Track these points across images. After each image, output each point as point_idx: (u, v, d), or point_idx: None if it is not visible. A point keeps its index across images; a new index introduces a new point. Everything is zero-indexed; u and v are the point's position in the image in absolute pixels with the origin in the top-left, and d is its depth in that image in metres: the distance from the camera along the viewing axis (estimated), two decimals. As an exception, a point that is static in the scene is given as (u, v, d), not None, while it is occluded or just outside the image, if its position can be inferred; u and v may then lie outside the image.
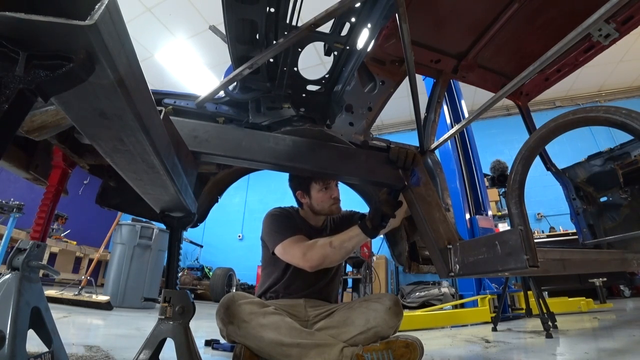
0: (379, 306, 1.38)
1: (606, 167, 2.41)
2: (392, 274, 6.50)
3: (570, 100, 7.30)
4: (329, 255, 1.36)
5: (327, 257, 1.37)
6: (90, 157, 1.29)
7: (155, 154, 0.69)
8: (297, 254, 1.41)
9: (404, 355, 1.28)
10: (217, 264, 7.15)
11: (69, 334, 1.99)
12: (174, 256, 1.26)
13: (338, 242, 1.37)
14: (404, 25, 1.07)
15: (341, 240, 1.37)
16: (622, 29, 1.61)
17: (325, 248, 1.37)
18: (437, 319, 3.24)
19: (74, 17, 0.38)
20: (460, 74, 1.95)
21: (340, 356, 1.28)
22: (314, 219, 1.69)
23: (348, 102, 1.59)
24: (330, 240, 1.39)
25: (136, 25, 5.47)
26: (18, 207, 3.79)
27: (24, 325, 0.93)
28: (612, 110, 1.00)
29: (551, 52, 0.97)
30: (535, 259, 0.96)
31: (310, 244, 1.41)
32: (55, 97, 0.48)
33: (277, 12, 0.99)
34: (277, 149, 1.22)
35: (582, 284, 4.36)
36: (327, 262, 1.38)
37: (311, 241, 1.43)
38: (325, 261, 1.38)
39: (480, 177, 4.27)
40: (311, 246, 1.40)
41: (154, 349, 1.10)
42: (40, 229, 1.17)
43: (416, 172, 1.34)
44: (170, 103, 1.37)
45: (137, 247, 4.07)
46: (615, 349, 1.80)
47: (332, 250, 1.36)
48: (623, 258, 1.88)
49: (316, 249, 1.38)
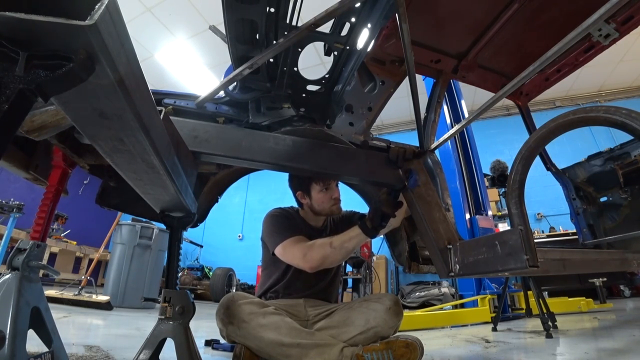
0: (379, 306, 1.38)
1: (606, 167, 2.41)
2: (392, 274, 6.50)
3: (570, 100, 7.30)
4: (329, 255, 1.36)
5: (327, 258, 1.36)
6: (90, 157, 1.29)
7: (155, 154, 0.69)
8: (298, 254, 1.41)
9: (404, 355, 1.28)
10: (217, 264, 7.15)
11: (69, 334, 1.99)
12: (174, 256, 1.26)
13: (338, 243, 1.36)
14: (404, 25, 1.07)
15: (341, 240, 1.37)
16: (622, 29, 1.60)
17: (326, 248, 1.36)
18: (437, 319, 3.24)
19: (74, 17, 0.38)
20: (460, 74, 1.95)
21: (340, 356, 1.28)
22: (314, 219, 1.69)
23: (348, 102, 1.59)
24: (331, 240, 1.38)
25: (136, 25, 5.47)
26: (18, 207, 3.80)
27: (24, 325, 0.93)
28: (612, 110, 1.00)
29: (551, 52, 0.97)
30: (535, 259, 0.95)
31: (310, 245, 1.41)
32: (55, 97, 0.48)
33: (277, 12, 0.99)
34: (277, 149, 1.22)
35: (582, 284, 4.36)
36: (327, 262, 1.38)
37: (311, 242, 1.43)
38: (325, 262, 1.37)
39: (480, 177, 4.27)
40: (311, 247, 1.40)
41: (154, 349, 1.10)
42: (40, 229, 1.17)
43: (414, 174, 1.33)
44: (170, 103, 1.36)
45: (137, 247, 4.07)
46: (615, 349, 1.80)
47: (332, 250, 1.35)
48: (623, 258, 1.88)
49: (316, 249, 1.38)
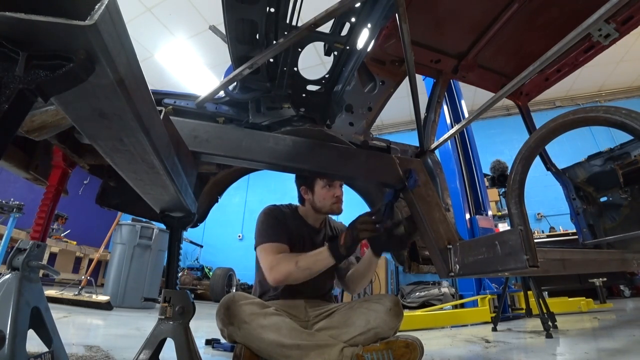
0: (379, 307, 1.38)
1: (606, 167, 2.41)
2: (392, 274, 6.49)
3: (570, 100, 7.30)
4: (292, 273, 1.35)
5: (290, 275, 1.35)
6: (90, 157, 1.29)
7: (155, 154, 0.69)
8: (266, 264, 1.41)
9: (404, 355, 1.27)
10: (217, 264, 7.14)
11: (69, 334, 1.99)
12: (174, 256, 1.26)
13: (304, 264, 1.35)
14: (404, 25, 1.07)
15: (307, 262, 1.35)
16: (622, 29, 1.61)
17: (291, 266, 1.35)
18: (437, 319, 3.23)
19: (74, 17, 0.38)
20: (460, 74, 1.95)
21: (340, 356, 1.27)
22: (314, 217, 1.66)
23: (348, 102, 1.59)
24: (297, 259, 1.37)
25: (136, 25, 5.47)
26: (18, 207, 3.79)
27: (24, 325, 0.93)
28: (612, 110, 1.00)
29: (551, 52, 0.97)
30: (535, 259, 0.95)
31: (280, 258, 1.40)
32: (55, 97, 0.48)
33: (277, 12, 0.99)
34: (277, 149, 1.22)
35: (582, 284, 4.36)
36: (290, 279, 1.37)
37: (281, 255, 1.42)
38: (289, 279, 1.37)
39: (480, 177, 4.27)
40: (280, 261, 1.39)
41: (154, 349, 1.10)
42: (40, 229, 1.17)
43: (414, 174, 1.33)
44: (170, 103, 1.37)
45: (137, 247, 4.07)
46: (615, 349, 1.80)
47: (297, 270, 1.34)
48: (623, 258, 1.88)
49: (283, 264, 1.37)
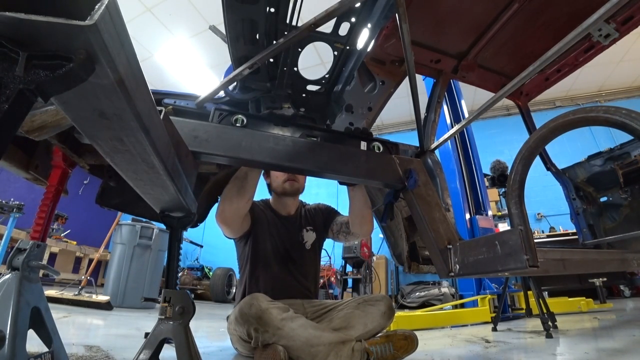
0: (375, 310, 1.50)
1: (606, 167, 2.41)
2: (392, 274, 6.50)
3: (570, 100, 7.31)
4: (226, 199, 1.48)
5: (228, 200, 1.48)
6: (90, 157, 1.29)
7: (155, 154, 0.69)
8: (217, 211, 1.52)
9: (403, 346, 1.41)
10: (217, 264, 7.14)
11: (69, 334, 1.99)
12: (174, 256, 1.25)
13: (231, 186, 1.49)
14: (404, 25, 1.07)
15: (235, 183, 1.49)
16: (622, 29, 1.61)
17: (225, 195, 1.49)
18: (437, 319, 3.24)
19: (74, 17, 0.38)
20: (460, 74, 1.95)
21: (352, 350, 1.32)
22: (281, 204, 1.80)
23: (348, 102, 1.59)
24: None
25: (136, 25, 5.47)
26: (18, 207, 3.80)
27: (24, 325, 0.93)
28: (612, 110, 1.00)
29: (551, 52, 0.97)
30: (535, 259, 0.95)
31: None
32: (55, 97, 0.48)
33: (277, 12, 0.99)
34: (277, 149, 1.22)
35: (582, 284, 4.36)
36: (230, 207, 1.48)
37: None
38: (231, 206, 1.48)
39: (480, 177, 4.27)
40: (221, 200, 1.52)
41: (154, 349, 1.10)
42: (40, 229, 1.17)
43: (414, 174, 1.33)
44: (170, 103, 1.36)
45: (137, 247, 4.07)
46: (615, 349, 1.80)
47: (230, 194, 1.48)
48: (623, 258, 1.88)
49: (221, 202, 1.51)
